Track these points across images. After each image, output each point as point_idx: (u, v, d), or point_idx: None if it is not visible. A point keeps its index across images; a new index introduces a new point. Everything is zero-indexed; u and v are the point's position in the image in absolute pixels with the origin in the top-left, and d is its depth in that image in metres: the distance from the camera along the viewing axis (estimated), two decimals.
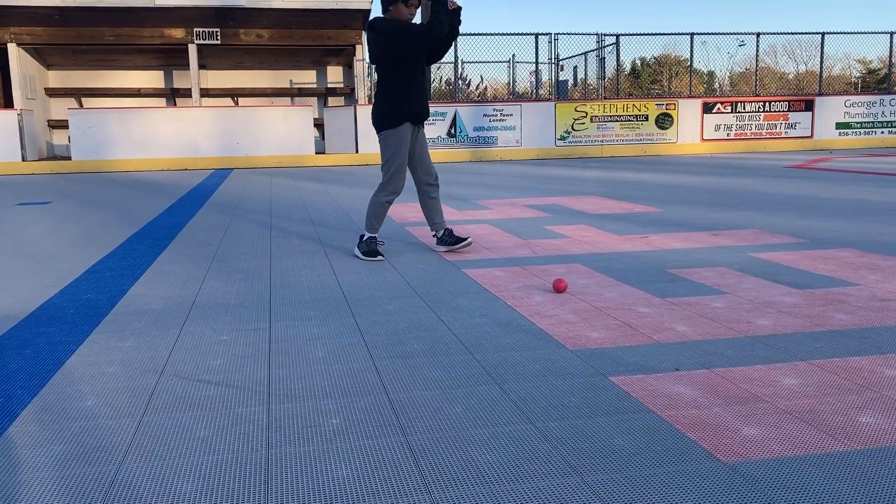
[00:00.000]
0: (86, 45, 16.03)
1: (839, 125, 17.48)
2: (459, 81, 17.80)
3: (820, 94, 17.63)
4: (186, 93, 17.17)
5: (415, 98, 4.32)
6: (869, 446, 1.75)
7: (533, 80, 17.31)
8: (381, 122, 4.35)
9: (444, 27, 4.25)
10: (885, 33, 17.84)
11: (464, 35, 15.89)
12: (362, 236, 4.48)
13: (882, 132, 17.69)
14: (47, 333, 2.89)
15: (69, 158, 14.66)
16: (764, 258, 4.10)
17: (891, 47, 18.09)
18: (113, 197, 8.88)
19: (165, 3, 15.31)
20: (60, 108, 17.02)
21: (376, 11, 17.47)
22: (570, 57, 18.02)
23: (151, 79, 18.46)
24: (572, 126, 16.16)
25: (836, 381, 2.19)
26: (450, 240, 4.52)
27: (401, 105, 4.30)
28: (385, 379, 2.30)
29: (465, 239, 4.53)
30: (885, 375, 2.23)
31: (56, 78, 17.83)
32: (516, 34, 16.58)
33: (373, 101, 4.57)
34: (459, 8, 4.39)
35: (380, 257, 4.36)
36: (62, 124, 16.39)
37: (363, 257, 4.39)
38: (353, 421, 1.98)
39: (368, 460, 1.75)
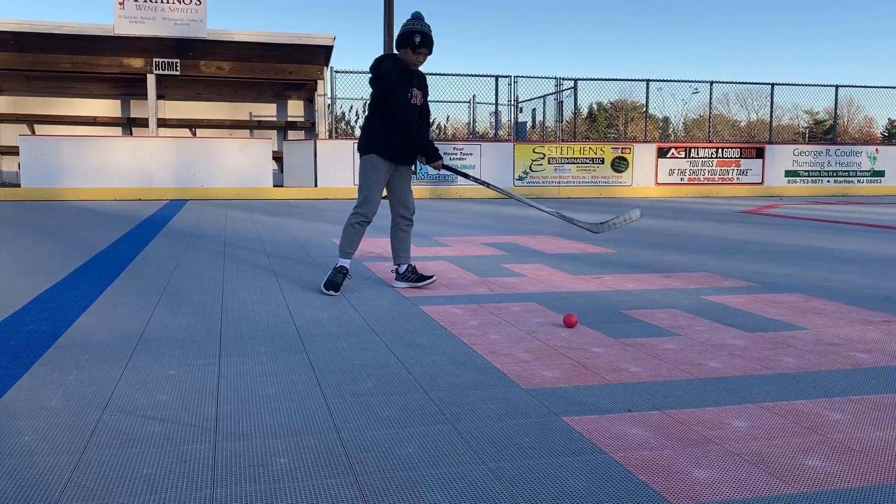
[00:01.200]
0: (41, 71, 15.80)
1: (788, 173, 18.04)
2: None
3: (770, 143, 18.20)
4: (143, 122, 17.01)
5: (394, 141, 4.30)
6: (815, 489, 1.77)
7: (493, 120, 17.54)
8: (361, 146, 4.42)
9: (404, 130, 4.26)
10: (831, 86, 18.57)
11: (427, 74, 16.05)
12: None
13: (828, 181, 18.30)
14: None
15: (19, 186, 14.33)
16: (715, 301, 4.17)
17: (836, 100, 18.82)
18: (63, 226, 8.68)
19: (125, 32, 15.21)
20: (11, 135, 16.71)
21: (339, 49, 17.57)
22: (530, 99, 18.36)
23: (108, 107, 18.27)
24: (530, 167, 16.38)
25: (783, 424, 2.22)
26: (413, 276, 4.51)
27: (379, 138, 4.32)
28: (337, 417, 2.26)
29: (430, 277, 4.52)
30: (830, 419, 2.27)
31: (8, 103, 17.52)
32: (477, 75, 16.86)
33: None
34: (438, 168, 4.41)
35: (333, 292, 4.32)
36: (12, 150, 16.06)
37: (322, 289, 4.35)
38: (302, 460, 1.94)
39: (317, 501, 1.71)
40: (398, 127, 4.26)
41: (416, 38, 4.14)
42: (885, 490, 1.77)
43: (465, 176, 4.72)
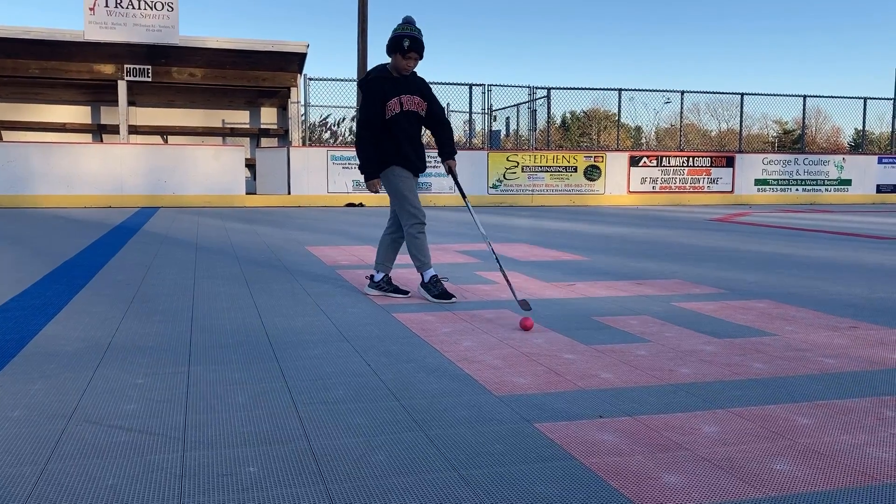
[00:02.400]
0: (8, 77, 15.56)
1: (757, 181, 18.30)
2: None
3: (740, 152, 18.46)
4: (114, 129, 16.82)
5: (408, 152, 4.28)
6: (783, 493, 1.79)
7: (467, 129, 17.59)
8: (374, 166, 4.33)
9: (358, 145, 4.28)
10: (799, 97, 18.89)
11: None
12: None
13: (797, 189, 18.59)
14: None
15: None
16: (686, 307, 4.21)
17: (804, 110, 19.14)
18: (30, 233, 8.54)
19: (95, 38, 15.05)
20: None
21: (312, 56, 17.51)
22: (503, 108, 18.43)
23: (78, 114, 18.04)
24: (504, 175, 16.44)
25: (752, 429, 2.24)
26: (387, 287, 4.49)
27: (391, 153, 4.29)
28: (307, 425, 2.24)
29: (406, 292, 4.49)
30: (798, 423, 2.29)
31: None
32: (451, 83, 16.89)
33: None
34: (371, 189, 4.37)
35: (453, 299, 4.31)
36: None
37: (434, 300, 4.29)
38: (272, 469, 1.92)
39: None
40: (360, 132, 4.29)
41: (405, 42, 4.12)
42: (852, 493, 1.79)
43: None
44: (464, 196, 4.60)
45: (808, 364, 3.01)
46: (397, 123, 4.25)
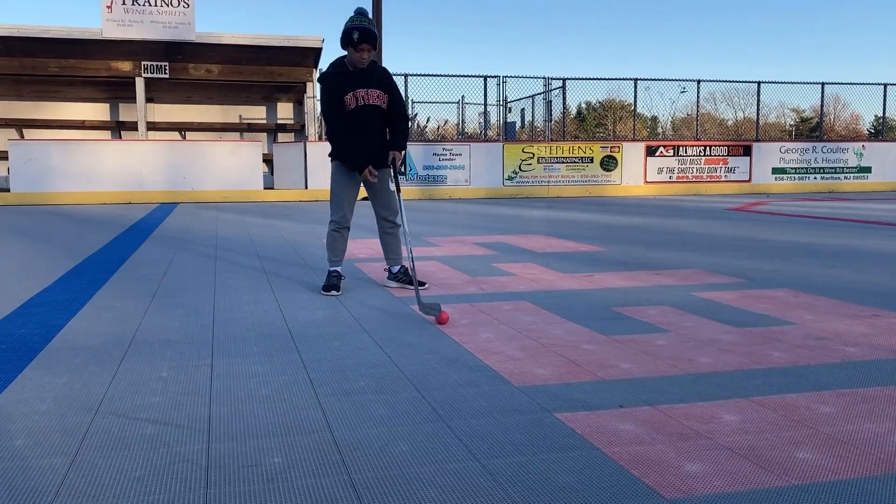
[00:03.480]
0: (29, 75, 15.71)
1: (775, 170, 18.13)
2: (410, 121, 17.94)
3: (757, 140, 18.29)
4: (133, 126, 16.95)
5: (346, 145, 4.25)
6: (806, 481, 1.79)
7: (482, 120, 17.57)
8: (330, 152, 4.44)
9: (333, 143, 4.30)
10: (817, 84, 18.67)
11: (415, 76, 16.08)
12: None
13: (815, 178, 18.41)
14: None
15: (8, 190, 14.25)
16: (705, 297, 4.20)
17: (822, 97, 18.92)
18: (53, 230, 8.64)
19: (113, 35, 15.16)
20: (0, 140, 16.60)
21: (328, 50, 17.55)
22: (518, 99, 18.38)
23: (96, 111, 18.19)
24: (519, 167, 16.41)
25: (773, 418, 2.23)
26: (404, 278, 4.50)
27: (334, 144, 4.36)
28: (330, 417, 2.27)
29: (423, 284, 4.49)
30: (820, 412, 2.29)
31: None
32: (466, 76, 16.91)
33: None
34: (362, 178, 4.30)
35: (334, 292, 4.33)
36: (1, 155, 15.98)
37: (322, 292, 4.37)
38: (296, 459, 1.94)
39: (311, 500, 1.71)
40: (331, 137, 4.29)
41: (355, 34, 4.04)
42: (876, 481, 1.79)
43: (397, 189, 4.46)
44: (398, 189, 4.40)
45: (829, 352, 2.99)
46: (353, 119, 4.22)
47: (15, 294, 4.36)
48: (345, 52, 4.19)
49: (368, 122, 4.25)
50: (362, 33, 4.04)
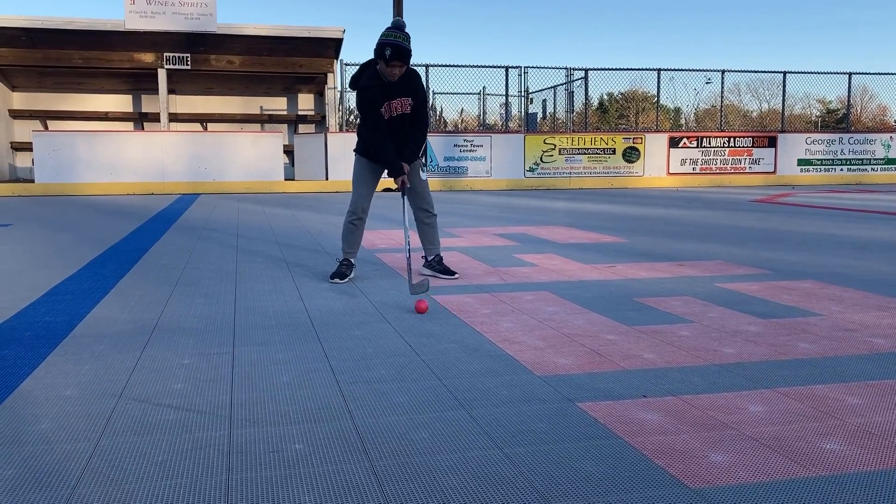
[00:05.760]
0: (52, 67, 15.86)
1: (801, 161, 17.90)
2: (430, 112, 17.91)
3: (782, 131, 18.06)
4: (155, 117, 17.06)
5: (386, 154, 4.27)
6: (834, 472, 1.76)
7: (503, 112, 17.48)
8: (356, 146, 4.51)
9: (371, 146, 4.31)
10: (844, 74, 18.39)
11: (436, 66, 16.04)
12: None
13: (841, 169, 18.15)
14: (1, 356, 2.81)
15: (32, 181, 14.42)
16: (729, 288, 4.14)
17: (849, 87, 18.63)
18: (76, 219, 8.73)
19: (135, 27, 15.25)
20: (24, 130, 16.79)
21: (349, 41, 17.51)
22: (540, 90, 18.27)
23: (119, 102, 18.32)
24: (541, 158, 16.32)
25: (800, 409, 2.20)
26: (438, 267, 4.58)
27: (360, 142, 4.44)
28: (351, 404, 2.26)
29: (453, 274, 4.54)
30: (847, 403, 2.25)
31: (21, 99, 17.60)
32: (487, 66, 16.79)
33: None
34: (401, 186, 4.28)
35: (338, 279, 4.40)
36: (26, 146, 16.16)
37: (329, 279, 4.43)
38: (318, 446, 1.94)
39: (332, 486, 1.71)
40: (373, 140, 4.31)
41: (387, 51, 4.01)
42: None
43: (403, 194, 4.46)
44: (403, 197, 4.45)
45: (856, 344, 2.94)
46: (388, 128, 4.28)
47: (40, 282, 4.41)
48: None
49: (402, 130, 4.32)
50: (394, 51, 4.01)
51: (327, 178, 15.30)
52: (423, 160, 4.51)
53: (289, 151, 17.20)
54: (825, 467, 1.79)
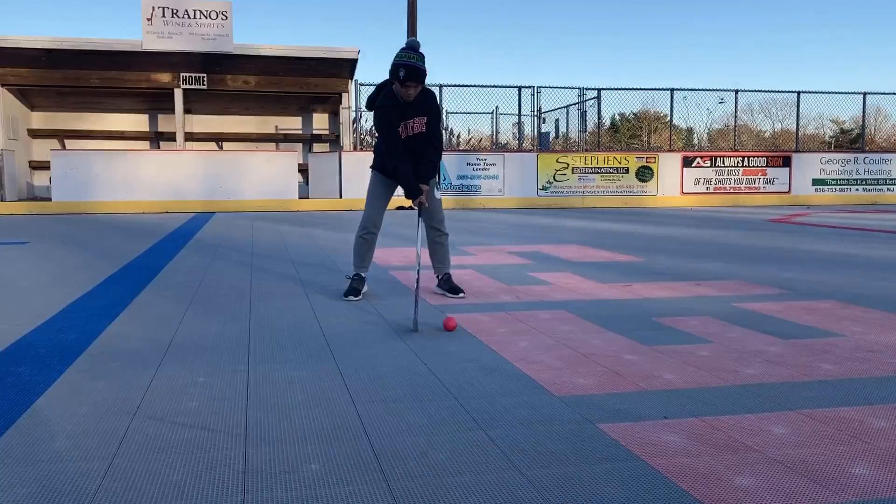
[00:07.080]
0: (71, 87, 16.04)
1: (815, 181, 17.79)
2: (444, 131, 17.95)
3: (797, 151, 17.97)
4: (171, 136, 17.19)
5: (404, 174, 4.22)
6: (864, 498, 1.71)
7: (516, 131, 17.51)
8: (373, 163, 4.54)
9: (389, 165, 4.28)
10: (858, 94, 18.30)
11: (449, 86, 16.10)
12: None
13: (857, 189, 18.02)
14: (16, 373, 2.80)
15: (50, 199, 14.53)
16: (747, 308, 4.09)
17: (864, 107, 18.54)
18: (92, 238, 8.77)
19: (153, 48, 15.42)
20: (43, 149, 16.96)
21: (363, 61, 17.61)
22: (553, 109, 18.28)
23: (136, 122, 18.49)
24: (554, 177, 16.31)
25: (826, 432, 2.15)
26: (445, 286, 4.56)
27: (377, 159, 4.45)
28: (367, 424, 2.23)
29: (459, 292, 4.51)
30: (874, 426, 2.20)
31: (39, 119, 17.80)
32: (500, 86, 16.85)
33: None
34: (416, 204, 4.25)
35: (352, 297, 4.39)
36: (44, 165, 16.31)
37: (343, 297, 4.45)
38: (333, 466, 1.91)
39: None
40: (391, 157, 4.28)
41: (401, 71, 3.99)
42: None
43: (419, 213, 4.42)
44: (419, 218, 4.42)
45: (880, 365, 2.89)
46: (403, 147, 4.28)
47: (55, 299, 4.42)
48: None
49: (417, 149, 4.30)
50: (408, 72, 4.00)
51: (341, 196, 15.34)
52: (437, 179, 4.48)
53: (303, 170, 17.27)
54: (855, 492, 1.74)
